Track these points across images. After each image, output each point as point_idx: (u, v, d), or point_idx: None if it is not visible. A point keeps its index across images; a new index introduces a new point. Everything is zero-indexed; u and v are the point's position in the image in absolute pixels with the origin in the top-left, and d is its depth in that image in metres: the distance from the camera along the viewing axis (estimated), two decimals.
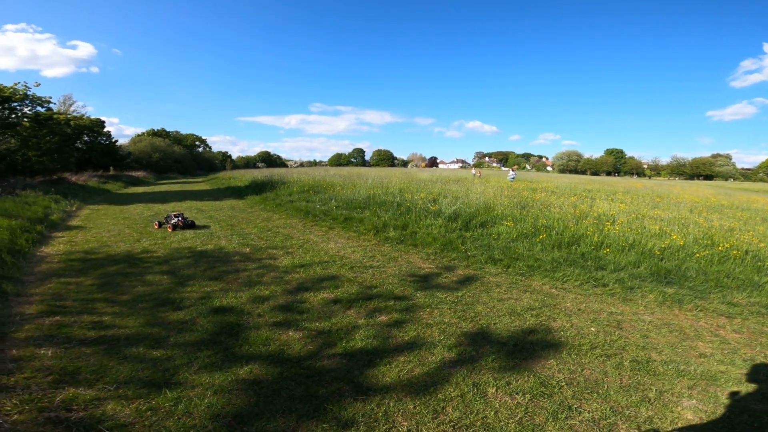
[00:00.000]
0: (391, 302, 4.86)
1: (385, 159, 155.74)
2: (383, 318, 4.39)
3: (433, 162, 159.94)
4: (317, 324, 4.18)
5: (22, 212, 9.14)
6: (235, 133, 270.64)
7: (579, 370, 3.49)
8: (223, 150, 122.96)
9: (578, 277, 6.09)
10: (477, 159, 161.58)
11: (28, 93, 22.62)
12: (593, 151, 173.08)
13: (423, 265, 6.63)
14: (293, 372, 3.25)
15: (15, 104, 22.65)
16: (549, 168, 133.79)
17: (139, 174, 40.09)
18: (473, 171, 44.22)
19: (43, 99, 23.95)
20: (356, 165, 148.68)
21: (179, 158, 66.14)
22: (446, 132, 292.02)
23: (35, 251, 6.68)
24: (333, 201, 13.31)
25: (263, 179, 21.27)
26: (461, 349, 3.73)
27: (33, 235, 7.36)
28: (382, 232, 9.01)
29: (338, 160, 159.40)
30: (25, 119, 24.00)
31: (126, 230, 8.96)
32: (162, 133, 78.73)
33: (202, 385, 3.01)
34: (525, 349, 3.82)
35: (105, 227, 9.41)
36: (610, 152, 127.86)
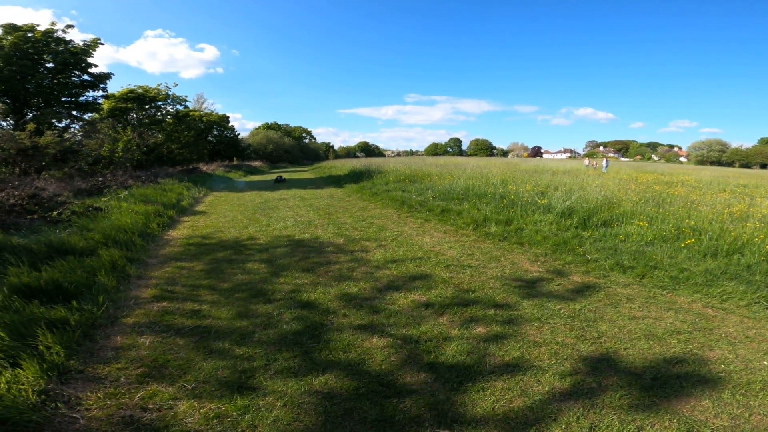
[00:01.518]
0: (491, 311, 4.22)
1: (483, 149, 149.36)
2: (480, 330, 3.81)
3: (536, 152, 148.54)
4: (404, 331, 3.78)
5: (159, 198, 10.52)
6: (337, 124, 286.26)
7: (746, 415, 2.61)
8: (327, 141, 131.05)
9: (744, 295, 4.72)
10: (589, 148, 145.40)
11: (169, 93, 26.48)
12: (742, 141, 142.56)
13: (530, 267, 5.79)
14: (370, 388, 2.88)
15: (160, 103, 26.62)
16: (683, 159, 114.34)
17: (257, 164, 44.60)
18: (586, 161, 39.73)
19: (181, 98, 27.89)
20: (453, 155, 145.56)
21: (289, 149, 72.08)
22: (552, 120, 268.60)
23: (163, 234, 7.52)
24: (429, 191, 12.83)
25: (361, 168, 21.70)
26: (577, 379, 3.01)
27: (164, 219, 8.34)
28: (483, 226, 8.25)
29: (434, 150, 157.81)
30: (168, 116, 28.07)
31: (239, 216, 9.69)
32: (274, 126, 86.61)
33: (274, 393, 2.81)
34: (667, 383, 2.96)
35: (222, 213, 10.33)
36: (766, 141, 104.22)
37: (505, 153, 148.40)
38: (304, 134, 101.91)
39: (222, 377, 2.99)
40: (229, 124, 47.30)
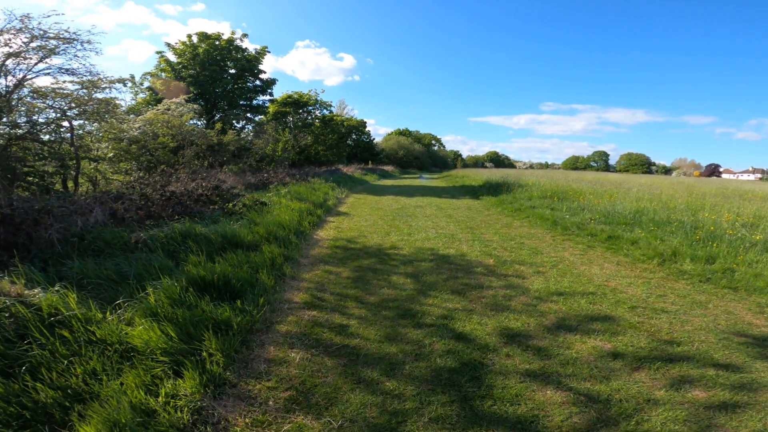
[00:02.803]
0: (711, 371, 3.22)
1: (638, 164, 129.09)
2: (699, 394, 2.89)
3: (712, 171, 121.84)
4: (587, 385, 2.98)
5: (310, 196, 11.27)
6: (466, 132, 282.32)
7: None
8: (454, 149, 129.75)
9: None
10: None
11: (318, 99, 29.40)
12: None
13: (755, 321, 4.37)
14: None
15: (310, 108, 29.66)
16: None
17: (388, 168, 46.44)
18: None
19: (327, 103, 30.87)
20: (597, 170, 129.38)
21: (418, 155, 73.65)
22: (736, 133, 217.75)
23: (313, 234, 7.83)
24: (585, 212, 11.03)
25: (498, 180, 20.33)
26: None
27: (314, 218, 8.77)
28: (671, 262, 6.55)
29: (574, 163, 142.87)
30: (317, 120, 31.03)
31: (379, 221, 9.68)
32: (405, 133, 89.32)
33: None
34: None
35: (363, 216, 10.51)
36: None
37: (667, 170, 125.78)
38: (433, 141, 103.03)
39: (370, 417, 2.57)
40: (366, 129, 50.45)
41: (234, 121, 22.97)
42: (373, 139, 53.18)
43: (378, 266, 5.95)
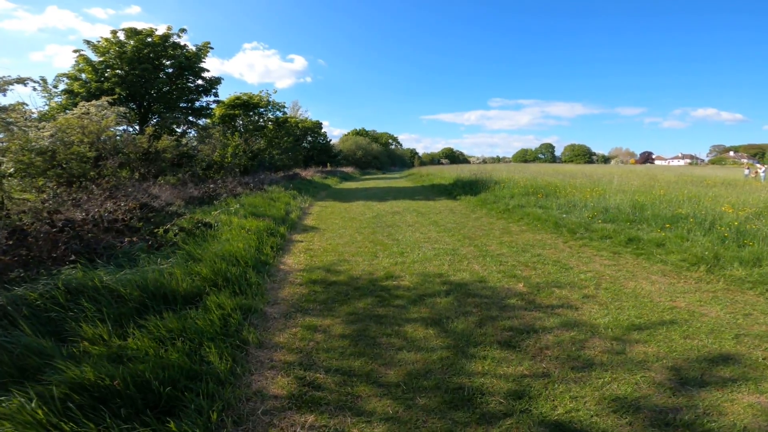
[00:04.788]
0: None
1: (581, 155, 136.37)
2: None
3: (646, 158, 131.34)
4: None
5: (268, 210, 9.29)
6: (419, 131, 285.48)
7: None
8: (410, 147, 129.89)
9: None
10: (715, 153, 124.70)
11: (270, 100, 27.15)
12: None
13: None
14: None
15: (262, 110, 27.31)
16: None
17: (348, 170, 44.49)
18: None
19: (280, 104, 28.63)
20: (545, 161, 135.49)
21: (377, 155, 72.25)
22: (662, 122, 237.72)
23: (278, 263, 5.93)
24: (580, 210, 10.03)
25: (470, 177, 19.24)
26: None
27: (277, 239, 6.86)
28: (719, 267, 5.51)
29: (524, 156, 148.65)
30: (269, 123, 28.67)
31: (357, 236, 7.95)
32: (363, 133, 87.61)
33: None
34: None
35: (336, 230, 8.73)
36: None
37: (606, 159, 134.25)
38: (390, 140, 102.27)
39: None
40: (322, 131, 48.37)
41: (174, 126, 20.19)
42: (330, 140, 51.08)
43: (379, 310, 4.25)
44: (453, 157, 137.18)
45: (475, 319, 3.97)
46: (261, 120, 28.27)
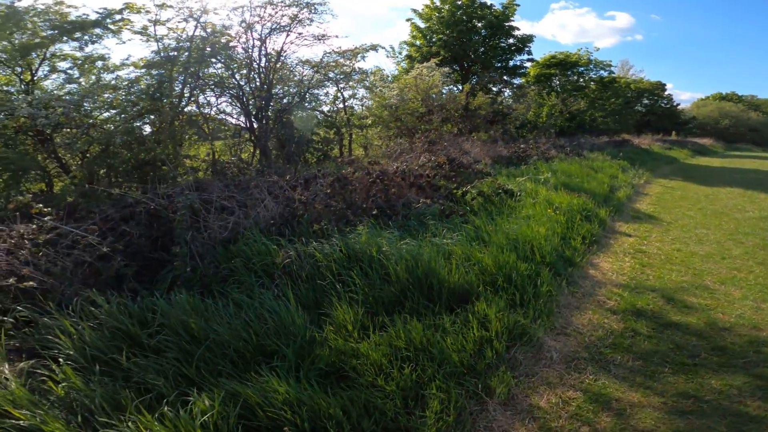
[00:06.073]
0: None
1: None
2: None
3: None
4: None
5: (586, 183, 7.26)
6: None
7: None
8: None
9: None
10: None
11: (591, 58, 24.31)
12: None
13: None
14: None
15: (582, 69, 24.87)
16: None
17: (705, 141, 33.21)
18: None
19: (605, 63, 25.05)
20: None
21: (756, 126, 50.85)
22: None
23: (588, 263, 4.15)
24: None
25: None
26: None
27: (593, 226, 4.96)
28: None
29: None
30: (592, 83, 25.74)
31: (731, 246, 4.89)
32: (732, 97, 63.69)
33: None
34: None
35: (689, 227, 5.80)
36: None
37: None
38: None
39: None
40: (664, 93, 39.40)
41: (490, 85, 20.52)
42: (677, 104, 40.19)
43: (754, 406, 2.02)
44: None
45: None
46: (581, 80, 25.72)
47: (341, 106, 13.23)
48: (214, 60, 8.26)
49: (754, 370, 2.49)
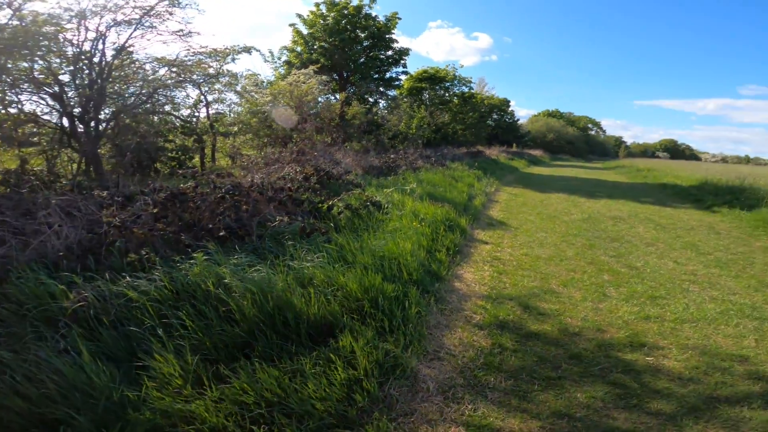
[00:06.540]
0: None
1: None
2: None
3: None
4: None
5: (448, 192, 7.71)
6: (628, 116, 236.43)
7: None
8: (613, 135, 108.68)
9: None
10: None
11: (456, 75, 26.60)
12: None
13: None
14: None
15: (447, 84, 27.01)
16: None
17: (536, 152, 39.83)
18: None
19: (466, 79, 27.72)
20: None
21: (572, 140, 63.51)
22: None
23: (453, 276, 4.24)
24: None
25: (730, 183, 13.44)
26: None
27: (456, 236, 5.17)
28: None
29: None
30: (455, 97, 27.95)
31: (566, 248, 5.62)
32: (556, 114, 78.28)
33: None
34: None
35: (532, 231, 6.54)
36: None
37: None
38: (590, 125, 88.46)
39: None
40: (509, 109, 45.63)
41: (366, 96, 21.06)
42: (517, 119, 47.10)
43: (621, 417, 2.24)
44: (675, 150, 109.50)
45: None
46: (447, 94, 27.91)
47: (205, 111, 11.85)
48: (27, 52, 6.57)
49: (609, 377, 2.67)
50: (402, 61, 21.89)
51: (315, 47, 19.37)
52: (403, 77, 23.46)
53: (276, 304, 2.67)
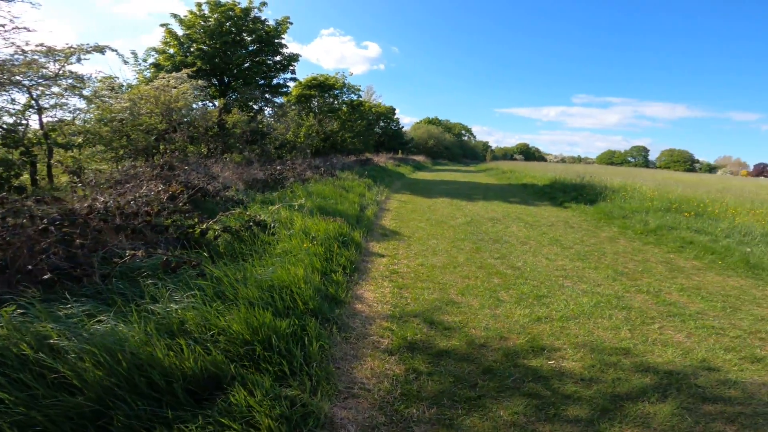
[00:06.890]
0: None
1: (681, 161, 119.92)
2: None
3: (761, 170, 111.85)
4: None
5: (340, 204, 7.46)
6: (492, 123, 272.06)
7: None
8: (482, 140, 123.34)
9: None
10: None
11: (345, 82, 26.62)
12: None
13: None
14: None
15: (336, 92, 26.91)
16: None
17: (420, 158, 42.47)
18: None
19: (355, 87, 28.03)
20: (635, 165, 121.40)
21: (449, 145, 69.49)
22: None
23: (353, 298, 3.96)
24: (758, 239, 7.24)
25: (575, 180, 16.03)
26: None
27: (351, 252, 4.91)
28: None
29: (610, 158, 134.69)
30: (344, 105, 28.05)
31: (456, 254, 5.80)
32: (435, 122, 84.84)
33: None
34: None
35: (424, 239, 6.65)
36: None
37: (711, 168, 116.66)
38: (463, 131, 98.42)
39: None
40: (395, 117, 47.55)
41: (251, 103, 19.59)
42: (402, 127, 49.59)
43: (551, 430, 2.16)
44: (528, 153, 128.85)
45: None
46: (336, 102, 27.78)
47: (38, 119, 9.50)
48: None
49: (523, 388, 2.64)
50: (291, 68, 20.94)
51: (191, 50, 17.35)
52: (291, 84, 22.55)
53: (133, 363, 2.02)
